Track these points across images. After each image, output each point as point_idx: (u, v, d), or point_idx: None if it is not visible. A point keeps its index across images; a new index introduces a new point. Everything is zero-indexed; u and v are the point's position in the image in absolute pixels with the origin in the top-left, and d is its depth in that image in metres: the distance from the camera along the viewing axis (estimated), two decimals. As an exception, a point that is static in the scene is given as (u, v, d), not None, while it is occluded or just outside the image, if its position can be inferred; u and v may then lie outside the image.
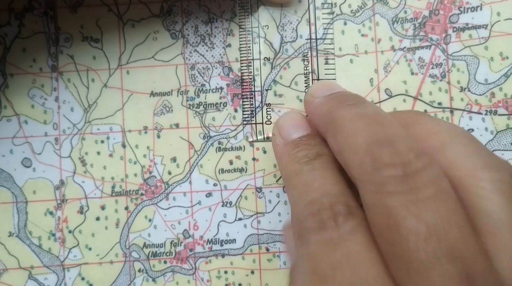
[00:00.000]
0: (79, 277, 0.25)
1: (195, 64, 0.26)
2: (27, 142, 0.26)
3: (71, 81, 0.26)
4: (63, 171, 0.26)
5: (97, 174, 0.26)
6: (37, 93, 0.26)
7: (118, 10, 0.26)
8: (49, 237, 0.26)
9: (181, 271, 0.25)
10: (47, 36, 0.26)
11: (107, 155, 0.26)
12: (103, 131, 0.26)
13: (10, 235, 0.26)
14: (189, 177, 0.26)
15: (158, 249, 0.26)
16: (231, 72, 0.26)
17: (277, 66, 0.26)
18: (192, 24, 0.26)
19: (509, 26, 0.25)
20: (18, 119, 0.26)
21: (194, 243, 0.25)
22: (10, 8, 0.26)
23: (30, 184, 0.26)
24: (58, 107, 0.26)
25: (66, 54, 0.26)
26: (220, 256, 0.25)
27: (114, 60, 0.26)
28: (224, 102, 0.26)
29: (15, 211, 0.26)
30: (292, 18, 0.26)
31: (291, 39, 0.26)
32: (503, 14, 0.25)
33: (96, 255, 0.26)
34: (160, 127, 0.26)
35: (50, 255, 0.26)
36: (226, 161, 0.26)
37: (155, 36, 0.26)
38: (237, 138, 0.26)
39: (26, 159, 0.26)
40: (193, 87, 0.26)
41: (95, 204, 0.26)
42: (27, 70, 0.26)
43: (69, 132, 0.26)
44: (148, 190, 0.26)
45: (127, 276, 0.25)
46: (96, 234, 0.26)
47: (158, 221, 0.26)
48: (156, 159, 0.26)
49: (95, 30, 0.26)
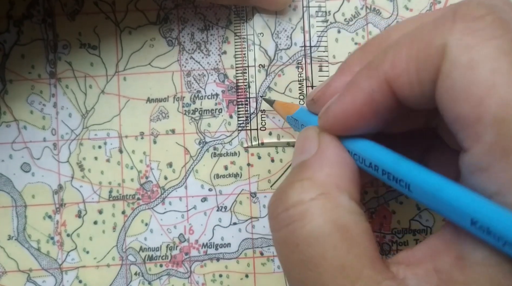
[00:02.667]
0: (77, 280, 0.26)
1: (191, 71, 0.26)
2: (26, 147, 0.26)
3: (69, 88, 0.26)
4: (61, 176, 0.26)
5: (95, 179, 0.26)
6: (35, 99, 0.26)
7: (115, 17, 0.26)
8: (47, 240, 0.26)
9: (176, 275, 0.26)
10: (45, 43, 0.26)
11: (105, 160, 0.26)
12: (101, 136, 0.26)
13: (9, 238, 0.26)
14: (184, 182, 0.26)
15: (154, 252, 0.26)
16: (226, 79, 0.26)
17: (271, 73, 0.26)
18: (188, 32, 0.26)
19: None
20: (17, 125, 0.26)
21: (189, 247, 0.26)
22: (9, 15, 0.26)
23: (29, 188, 0.26)
24: (56, 113, 0.26)
25: (64, 60, 0.26)
26: (215, 260, 0.26)
27: (111, 67, 0.26)
28: (220, 108, 0.26)
29: (14, 215, 0.26)
30: (286, 26, 0.26)
31: (286, 47, 0.26)
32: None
33: (93, 258, 0.26)
34: (157, 132, 0.26)
35: (48, 258, 0.26)
36: (221, 167, 0.26)
37: (152, 43, 0.26)
38: (232, 144, 0.26)
39: (25, 164, 0.26)
40: (189, 94, 0.26)
41: (93, 208, 0.26)
42: (26, 76, 0.26)
43: (67, 138, 0.26)
44: (145, 195, 0.26)
45: (123, 279, 0.26)
46: (94, 238, 0.26)
47: (154, 225, 0.26)
48: (153, 164, 0.26)
49: (92, 37, 0.26)
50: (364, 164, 0.19)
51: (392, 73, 0.17)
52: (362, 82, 0.18)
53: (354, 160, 0.19)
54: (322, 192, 0.18)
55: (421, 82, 0.16)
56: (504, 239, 0.14)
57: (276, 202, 0.18)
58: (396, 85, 0.17)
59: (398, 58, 0.17)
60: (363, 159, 0.19)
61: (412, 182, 0.17)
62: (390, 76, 0.17)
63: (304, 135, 0.20)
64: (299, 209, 0.18)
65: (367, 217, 0.18)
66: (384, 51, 0.18)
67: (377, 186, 0.26)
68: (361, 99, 0.18)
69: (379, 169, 0.18)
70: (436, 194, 0.16)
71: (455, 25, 0.16)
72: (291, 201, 0.18)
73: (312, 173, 0.18)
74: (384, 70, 0.17)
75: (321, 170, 0.18)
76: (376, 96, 0.17)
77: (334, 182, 0.18)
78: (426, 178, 0.16)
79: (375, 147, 0.18)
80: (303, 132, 0.20)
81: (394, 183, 0.17)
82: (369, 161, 0.18)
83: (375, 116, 0.18)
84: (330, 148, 0.19)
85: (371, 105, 0.18)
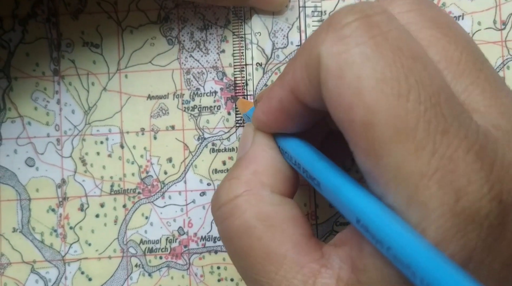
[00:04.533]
0: (79, 271, 0.27)
1: (190, 69, 0.27)
2: (30, 142, 0.27)
3: (72, 85, 0.27)
4: (64, 170, 0.27)
5: (97, 174, 0.27)
6: (40, 96, 0.27)
7: (117, 17, 0.27)
8: (51, 233, 0.27)
9: (176, 266, 0.27)
10: (49, 42, 0.27)
11: (106, 155, 0.27)
12: (103, 132, 0.27)
13: (14, 230, 0.27)
14: (184, 177, 0.27)
15: (154, 245, 0.27)
16: (224, 77, 0.27)
17: (268, 71, 0.27)
18: (188, 31, 0.27)
19: (490, 35, 0.26)
20: (22, 121, 0.27)
21: (188, 240, 0.27)
22: (14, 14, 0.27)
23: (33, 182, 0.27)
24: (59, 109, 0.27)
25: (67, 58, 0.27)
26: (213, 253, 0.27)
27: (113, 65, 0.27)
28: (218, 105, 0.27)
29: (19, 208, 0.27)
30: (283, 25, 0.27)
31: (282, 46, 0.27)
32: (484, 24, 0.26)
33: (95, 250, 0.27)
34: (157, 129, 0.27)
35: (51, 250, 0.27)
36: (219, 162, 0.27)
37: (153, 42, 0.27)
38: (230, 140, 0.27)
39: (29, 158, 0.27)
40: (188, 91, 0.27)
41: (95, 202, 0.27)
42: (31, 74, 0.27)
43: (70, 133, 0.27)
44: (145, 189, 0.27)
45: (124, 270, 0.27)
46: (96, 231, 0.27)
47: (154, 219, 0.27)
48: (153, 159, 0.27)
49: (95, 36, 0.27)
50: (291, 162, 0.20)
51: (292, 83, 0.18)
52: (274, 91, 0.19)
53: (282, 156, 0.21)
54: (246, 189, 0.19)
55: (314, 88, 0.17)
56: (376, 238, 0.15)
57: (213, 201, 0.21)
58: (297, 92, 0.18)
59: (296, 68, 0.18)
60: (290, 157, 0.20)
61: (320, 181, 0.18)
62: (291, 85, 0.18)
63: (243, 132, 0.22)
64: (228, 206, 0.19)
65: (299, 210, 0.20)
66: (289, 62, 0.19)
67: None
68: (274, 106, 0.20)
69: (301, 167, 0.19)
70: (334, 193, 0.17)
71: (328, 34, 0.16)
72: (222, 199, 0.20)
73: (240, 172, 0.20)
74: (287, 80, 0.19)
75: (247, 168, 0.20)
76: (285, 103, 0.19)
77: (258, 179, 0.20)
78: (331, 177, 0.17)
79: (301, 146, 0.20)
80: (244, 129, 0.23)
81: (310, 181, 0.19)
82: (294, 159, 0.20)
83: (289, 119, 0.20)
84: (259, 146, 0.21)
85: (283, 110, 0.19)
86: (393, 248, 0.15)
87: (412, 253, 0.14)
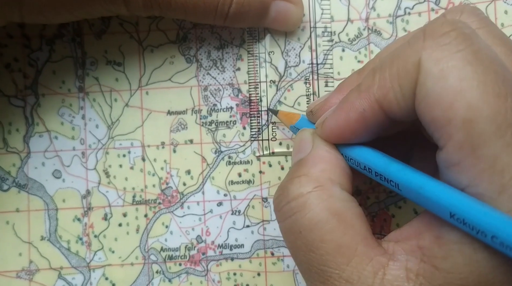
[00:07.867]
0: (103, 277, 0.28)
1: (207, 86, 0.29)
2: (57, 155, 0.29)
3: (96, 101, 0.29)
4: (89, 182, 0.29)
5: (120, 185, 0.29)
6: (66, 111, 0.29)
7: (138, 37, 0.29)
8: (76, 241, 0.28)
9: (194, 273, 0.28)
10: (74, 60, 0.29)
11: (128, 168, 0.29)
12: (125, 146, 0.29)
13: (42, 239, 0.28)
14: (202, 188, 0.28)
15: (174, 252, 0.28)
16: (240, 93, 0.28)
17: (281, 88, 0.28)
18: (205, 50, 0.29)
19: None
20: (49, 135, 0.29)
21: (206, 248, 0.28)
22: (41, 35, 0.29)
23: (60, 193, 0.29)
24: (84, 124, 0.29)
25: (91, 76, 0.29)
26: (230, 260, 0.28)
27: (134, 82, 0.29)
28: (234, 120, 0.28)
29: (46, 217, 0.29)
30: (295, 45, 0.28)
31: (295, 64, 0.28)
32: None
33: (118, 257, 0.28)
34: (176, 142, 0.29)
35: (77, 257, 0.28)
36: (235, 174, 0.28)
37: (172, 61, 0.29)
38: (245, 153, 0.28)
39: (56, 170, 0.29)
40: (206, 107, 0.29)
41: (118, 212, 0.29)
42: (57, 90, 0.29)
43: (95, 147, 0.29)
44: (165, 200, 0.29)
45: (146, 276, 0.28)
46: (119, 239, 0.29)
47: (174, 228, 0.28)
48: (172, 171, 0.29)
49: (118, 54, 0.29)
50: (359, 167, 0.21)
51: (379, 93, 0.19)
52: (354, 102, 0.20)
53: (344, 158, 0.22)
54: (317, 185, 0.20)
55: (404, 95, 0.19)
56: (477, 229, 0.17)
57: (279, 197, 0.21)
58: (384, 103, 0.19)
59: (383, 78, 0.19)
60: (358, 163, 0.21)
61: (400, 182, 0.19)
62: (378, 95, 0.20)
63: (300, 136, 0.23)
64: (299, 201, 0.20)
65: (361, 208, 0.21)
66: (371, 74, 0.20)
67: (378, 192, 0.28)
68: (354, 117, 0.20)
69: (372, 172, 0.21)
70: (419, 191, 0.19)
71: (426, 42, 0.18)
72: (292, 195, 0.21)
73: (308, 170, 0.21)
74: (373, 91, 0.20)
75: (315, 166, 0.21)
76: (367, 114, 0.20)
77: (327, 176, 0.21)
78: (411, 178, 0.19)
79: (369, 152, 0.21)
80: (299, 134, 0.23)
81: (386, 183, 0.20)
82: (363, 164, 0.21)
83: (366, 130, 0.21)
84: (322, 147, 0.22)
85: (363, 122, 0.20)
86: (499, 236, 0.16)
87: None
